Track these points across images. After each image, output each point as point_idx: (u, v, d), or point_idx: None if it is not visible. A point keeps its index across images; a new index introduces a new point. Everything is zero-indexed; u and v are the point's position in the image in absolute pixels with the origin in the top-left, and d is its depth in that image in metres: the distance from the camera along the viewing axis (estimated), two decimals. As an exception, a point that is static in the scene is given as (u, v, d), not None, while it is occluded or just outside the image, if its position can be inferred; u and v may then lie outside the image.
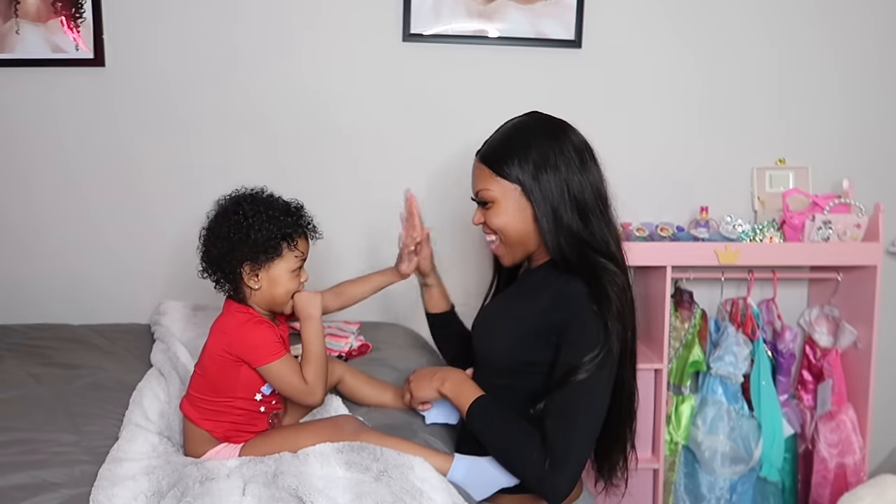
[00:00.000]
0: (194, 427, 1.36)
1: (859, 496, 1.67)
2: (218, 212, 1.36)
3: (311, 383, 1.34)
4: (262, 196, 1.37)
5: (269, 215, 1.33)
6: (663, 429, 2.16)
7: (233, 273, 1.33)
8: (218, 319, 1.38)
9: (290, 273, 1.36)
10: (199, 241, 1.37)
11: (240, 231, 1.31)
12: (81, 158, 2.19)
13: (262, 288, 1.35)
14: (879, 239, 2.11)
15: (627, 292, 1.37)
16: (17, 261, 2.21)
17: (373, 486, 1.20)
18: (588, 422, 1.32)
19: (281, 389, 1.35)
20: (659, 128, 2.29)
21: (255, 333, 1.32)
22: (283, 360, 1.32)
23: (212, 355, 1.34)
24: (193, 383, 1.39)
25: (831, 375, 2.22)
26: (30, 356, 1.83)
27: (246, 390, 1.35)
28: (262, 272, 1.34)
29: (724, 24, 2.26)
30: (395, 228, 2.29)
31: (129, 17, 2.13)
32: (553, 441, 1.29)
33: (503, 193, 1.40)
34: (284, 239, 1.34)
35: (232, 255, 1.32)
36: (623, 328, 1.34)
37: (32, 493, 1.19)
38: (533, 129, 1.43)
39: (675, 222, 2.20)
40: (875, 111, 2.32)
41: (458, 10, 2.17)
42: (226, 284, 1.36)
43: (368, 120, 2.22)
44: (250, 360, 1.32)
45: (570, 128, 1.45)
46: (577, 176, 1.38)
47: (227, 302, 1.40)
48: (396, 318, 2.21)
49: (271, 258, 1.33)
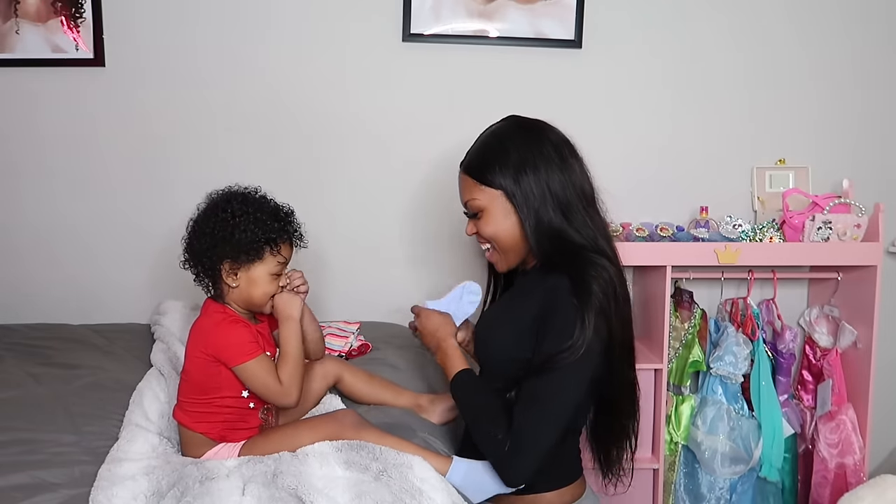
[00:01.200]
0: (189, 432, 1.36)
1: (859, 496, 1.67)
2: (207, 206, 1.37)
3: (285, 384, 1.34)
4: (254, 196, 1.38)
5: (256, 217, 1.33)
6: (663, 429, 2.16)
7: (212, 269, 1.34)
8: (197, 320, 1.38)
9: (270, 276, 1.36)
10: (185, 231, 1.38)
11: (224, 229, 1.32)
12: (81, 158, 2.18)
13: (241, 287, 1.35)
14: (879, 239, 2.11)
15: (616, 285, 1.37)
16: (16, 261, 2.21)
17: (372, 485, 1.20)
18: (553, 410, 1.32)
19: (255, 389, 1.34)
20: (659, 128, 2.29)
21: (230, 333, 1.32)
22: (258, 360, 1.32)
23: (191, 357, 1.35)
24: (181, 389, 1.39)
25: (831, 375, 2.22)
26: (29, 356, 1.82)
27: (231, 388, 1.35)
28: (242, 272, 1.34)
29: (724, 23, 2.26)
30: (395, 228, 2.31)
31: (129, 17, 2.13)
32: (518, 425, 1.32)
33: (489, 201, 1.42)
34: (268, 243, 1.34)
35: (213, 251, 1.33)
36: (607, 321, 1.33)
37: (32, 493, 1.20)
38: (509, 133, 1.45)
39: (675, 222, 2.20)
40: (875, 111, 2.32)
41: (458, 10, 2.17)
42: (204, 279, 1.37)
43: (368, 120, 2.22)
44: (224, 359, 1.32)
45: (548, 126, 1.46)
46: (557, 174, 1.39)
47: (206, 302, 1.40)
48: (396, 318, 2.21)
49: (252, 260, 1.34)
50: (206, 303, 1.40)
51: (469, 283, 1.60)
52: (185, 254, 1.37)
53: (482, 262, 1.80)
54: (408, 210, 2.26)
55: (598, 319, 1.32)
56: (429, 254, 2.28)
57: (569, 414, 1.34)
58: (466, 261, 2.25)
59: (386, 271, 2.28)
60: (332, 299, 2.24)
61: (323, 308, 2.22)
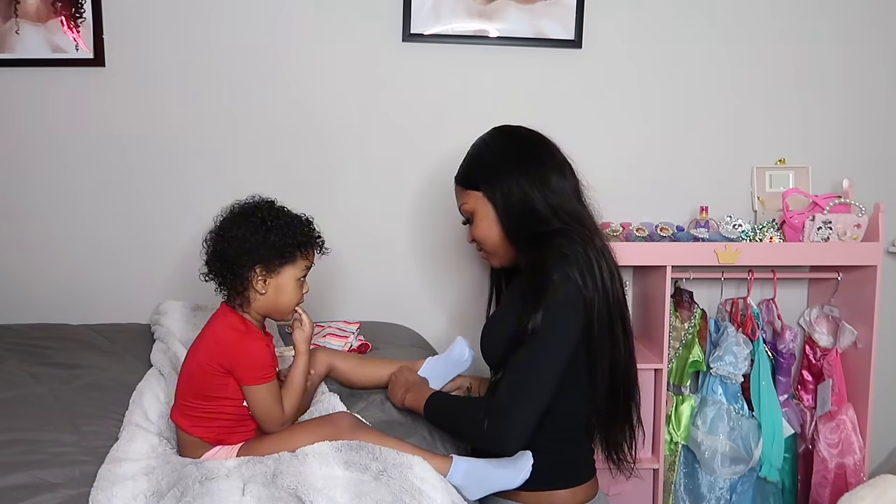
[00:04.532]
0: (186, 435, 1.35)
1: (859, 496, 1.67)
2: (235, 214, 1.36)
3: (287, 414, 1.37)
4: (277, 205, 1.40)
5: (286, 222, 1.36)
6: (663, 429, 2.16)
7: (243, 275, 1.33)
8: (212, 325, 1.37)
9: (297, 281, 1.37)
10: (208, 241, 1.36)
11: (258, 233, 1.33)
12: (81, 158, 2.19)
13: (268, 294, 1.35)
14: (879, 239, 2.11)
15: (590, 250, 1.39)
16: (16, 260, 2.21)
17: (372, 485, 1.20)
18: (533, 377, 1.35)
19: (256, 411, 1.34)
20: (659, 127, 2.29)
21: (253, 352, 1.32)
22: (270, 385, 1.33)
23: (202, 363, 1.33)
24: (181, 391, 1.38)
25: (831, 375, 2.22)
26: (30, 356, 1.82)
27: (234, 397, 1.34)
28: (271, 278, 1.35)
29: (724, 23, 2.26)
30: (395, 228, 2.30)
31: (129, 17, 2.13)
32: (499, 393, 1.36)
33: (475, 204, 1.50)
34: (300, 246, 1.36)
35: (248, 255, 1.32)
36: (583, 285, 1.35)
37: (32, 493, 1.19)
38: (488, 138, 1.53)
39: (675, 222, 2.20)
40: (875, 111, 2.32)
41: (458, 10, 2.17)
42: (232, 286, 1.35)
43: (368, 120, 2.22)
44: (239, 377, 1.32)
45: (526, 130, 1.52)
46: (534, 174, 1.44)
47: (223, 308, 1.39)
48: (396, 318, 2.21)
49: (283, 263, 1.35)
50: (222, 309, 1.39)
51: (458, 341, 1.64)
52: (214, 262, 1.35)
53: (484, 264, 1.81)
54: (408, 210, 2.26)
55: (574, 282, 1.34)
56: (429, 253, 2.28)
57: (549, 380, 1.36)
58: (467, 260, 2.25)
59: (386, 271, 2.28)
60: (332, 299, 2.24)
61: (323, 308, 2.22)
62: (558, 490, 1.45)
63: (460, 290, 2.29)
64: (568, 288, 1.34)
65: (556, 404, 1.39)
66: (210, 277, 1.37)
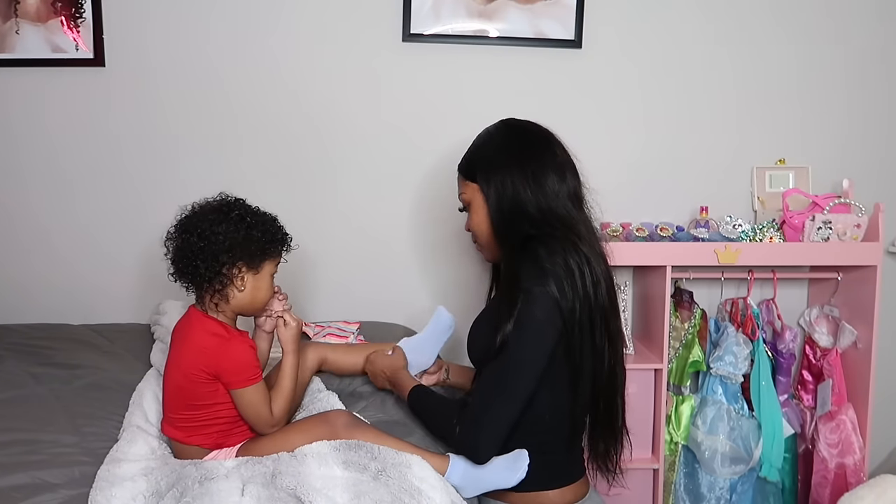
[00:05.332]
0: (183, 446, 1.35)
1: (859, 496, 1.67)
2: (206, 211, 1.34)
3: (276, 416, 1.36)
4: (247, 203, 1.39)
5: (264, 219, 1.36)
6: (663, 429, 2.16)
7: (225, 273, 1.32)
8: (190, 335, 1.34)
9: (271, 277, 1.39)
10: (176, 240, 1.33)
11: (240, 230, 1.32)
12: (81, 158, 2.19)
13: (245, 291, 1.35)
14: (879, 239, 2.11)
15: (572, 258, 1.36)
16: (16, 261, 2.21)
17: (371, 485, 1.20)
18: (501, 391, 1.35)
19: (245, 413, 1.34)
20: (659, 127, 2.29)
21: (236, 356, 1.32)
22: (257, 386, 1.33)
23: (188, 374, 1.31)
24: (170, 404, 1.36)
25: (831, 375, 2.21)
26: (30, 356, 1.82)
27: (226, 401, 1.34)
28: (250, 275, 1.34)
29: (724, 23, 2.26)
30: (395, 228, 2.31)
31: (129, 17, 2.13)
32: (473, 401, 1.38)
33: (472, 194, 1.50)
34: (279, 243, 1.37)
35: (231, 252, 1.31)
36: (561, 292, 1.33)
37: (32, 494, 1.20)
38: (493, 131, 1.52)
39: (675, 222, 2.20)
40: (876, 111, 2.32)
41: (458, 10, 2.17)
42: (210, 285, 1.32)
43: (368, 120, 2.22)
44: (227, 381, 1.32)
45: (533, 125, 1.52)
46: (531, 172, 1.43)
47: (193, 314, 1.36)
48: (396, 318, 2.21)
49: (265, 259, 1.35)
50: (195, 315, 1.36)
51: (439, 310, 1.69)
52: (187, 261, 1.31)
53: (485, 264, 1.81)
54: (408, 210, 2.26)
55: (550, 296, 1.33)
56: (430, 253, 2.28)
57: (522, 387, 1.35)
58: (467, 260, 2.25)
59: (386, 271, 2.28)
60: (332, 299, 2.24)
61: (323, 308, 2.22)
62: (547, 490, 1.45)
63: (460, 290, 2.29)
64: (542, 302, 1.33)
65: (544, 405, 1.40)
66: (179, 277, 1.34)
